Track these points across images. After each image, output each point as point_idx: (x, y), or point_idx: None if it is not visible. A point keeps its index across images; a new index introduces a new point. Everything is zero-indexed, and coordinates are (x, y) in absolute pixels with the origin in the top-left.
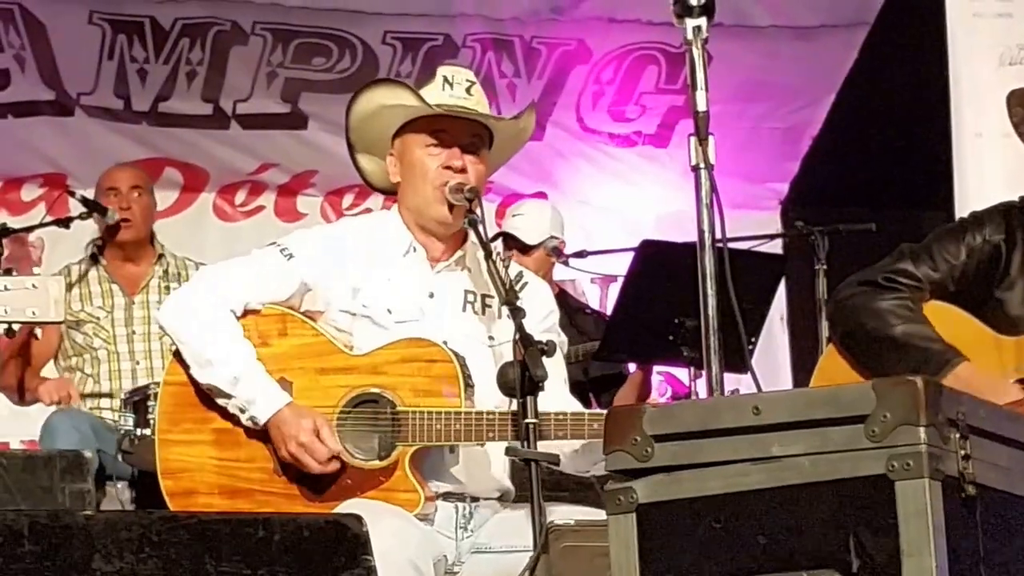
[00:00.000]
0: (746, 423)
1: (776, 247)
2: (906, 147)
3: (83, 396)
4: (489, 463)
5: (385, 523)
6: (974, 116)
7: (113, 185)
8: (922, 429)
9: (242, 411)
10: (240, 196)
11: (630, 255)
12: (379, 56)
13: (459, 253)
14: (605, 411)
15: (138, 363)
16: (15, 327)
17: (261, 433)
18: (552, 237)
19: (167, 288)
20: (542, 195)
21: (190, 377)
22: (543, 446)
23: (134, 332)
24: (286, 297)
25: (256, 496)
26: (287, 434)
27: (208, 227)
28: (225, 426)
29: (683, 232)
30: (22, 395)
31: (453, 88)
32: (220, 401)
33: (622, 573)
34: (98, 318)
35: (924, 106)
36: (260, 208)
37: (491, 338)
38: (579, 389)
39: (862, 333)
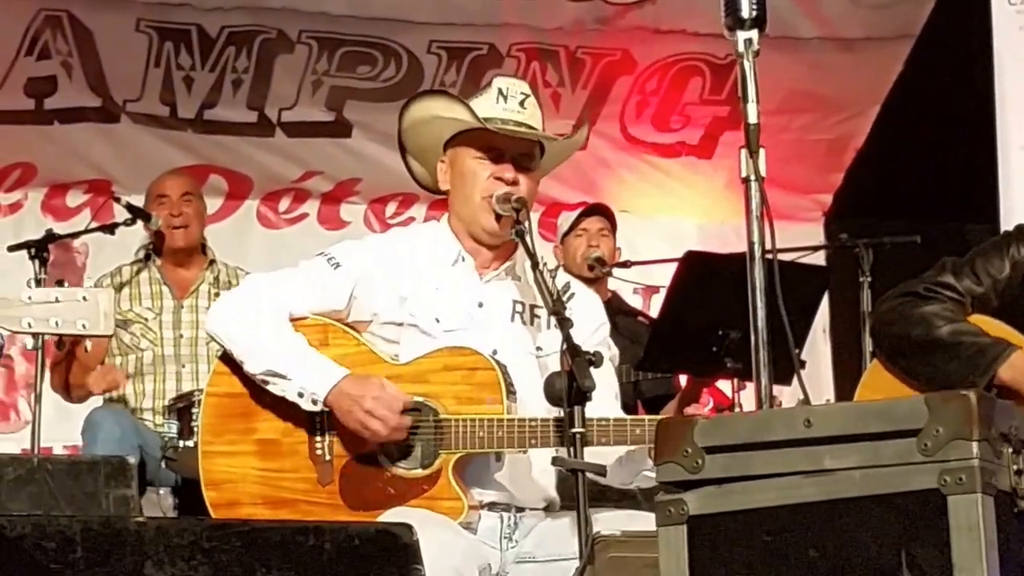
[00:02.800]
0: (797, 436)
1: (819, 259)
2: (951, 159)
3: (123, 400)
4: (534, 473)
5: (430, 532)
6: (1020, 129)
7: (163, 192)
8: (975, 443)
9: (301, 394)
10: (284, 203)
11: (673, 266)
12: (424, 65)
13: (509, 263)
14: (647, 416)
15: (183, 366)
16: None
17: (304, 443)
18: None
19: (216, 295)
20: (590, 205)
21: (243, 383)
22: (586, 452)
23: (181, 336)
24: (332, 307)
25: (300, 506)
26: (354, 399)
27: (252, 234)
28: (268, 437)
29: (725, 243)
30: (69, 392)
31: (507, 101)
32: (276, 388)
33: None
34: (146, 319)
35: (969, 118)
36: (304, 216)
37: (539, 348)
38: (629, 411)
39: (909, 341)
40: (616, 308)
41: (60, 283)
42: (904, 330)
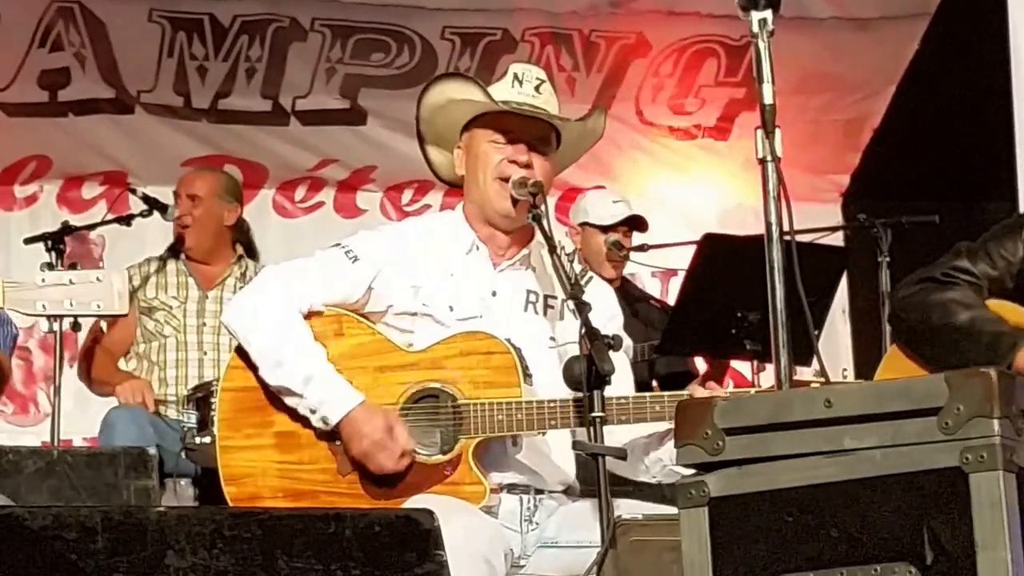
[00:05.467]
0: (818, 416)
1: (837, 239)
2: (968, 138)
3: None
4: (553, 455)
5: (456, 518)
6: None
7: (193, 193)
8: (996, 421)
9: (313, 412)
10: (300, 192)
11: (691, 248)
12: (438, 51)
13: (523, 252)
14: (666, 393)
15: (205, 354)
16: (80, 321)
17: (322, 434)
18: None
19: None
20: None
21: (258, 379)
22: (606, 431)
23: (204, 324)
24: (350, 299)
25: (320, 497)
26: (360, 433)
27: (268, 223)
28: (286, 429)
29: (743, 225)
30: (91, 383)
31: (522, 86)
32: (290, 402)
33: (694, 567)
34: (171, 307)
35: (985, 96)
36: (320, 204)
37: (552, 339)
38: (646, 390)
39: (927, 326)
40: (631, 293)
41: (73, 266)
42: (923, 316)
